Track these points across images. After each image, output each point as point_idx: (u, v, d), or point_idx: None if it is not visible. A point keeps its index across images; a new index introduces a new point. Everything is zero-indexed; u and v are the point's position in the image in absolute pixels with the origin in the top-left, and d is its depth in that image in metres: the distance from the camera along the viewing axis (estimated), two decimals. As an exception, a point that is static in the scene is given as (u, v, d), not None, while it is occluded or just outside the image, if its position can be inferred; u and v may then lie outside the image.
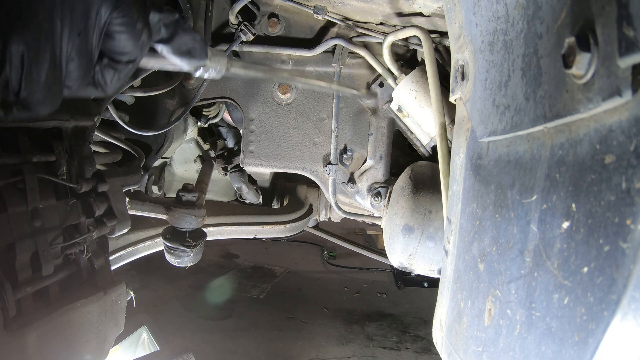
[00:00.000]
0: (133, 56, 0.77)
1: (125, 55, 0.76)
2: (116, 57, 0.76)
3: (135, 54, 0.78)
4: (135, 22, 0.74)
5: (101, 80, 0.77)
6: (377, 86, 1.77)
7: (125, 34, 0.74)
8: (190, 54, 0.87)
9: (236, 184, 2.44)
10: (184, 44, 0.86)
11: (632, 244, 0.43)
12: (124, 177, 1.45)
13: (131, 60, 0.78)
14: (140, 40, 0.76)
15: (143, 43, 0.77)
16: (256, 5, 1.72)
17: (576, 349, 0.50)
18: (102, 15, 0.69)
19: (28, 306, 1.11)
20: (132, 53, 0.77)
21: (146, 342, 3.08)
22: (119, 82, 0.80)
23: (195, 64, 0.90)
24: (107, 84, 0.78)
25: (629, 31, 0.41)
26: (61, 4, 0.63)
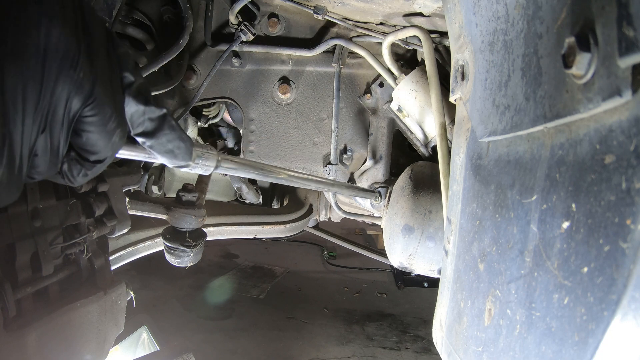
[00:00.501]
0: (102, 156, 0.71)
1: (94, 155, 0.70)
2: (84, 154, 0.70)
3: (105, 154, 0.71)
4: (107, 121, 0.67)
5: (68, 173, 0.72)
6: (377, 86, 1.77)
7: (95, 134, 0.67)
8: (173, 154, 0.81)
9: (236, 184, 2.44)
10: (169, 142, 0.79)
11: (632, 244, 0.43)
12: (124, 177, 1.45)
13: (99, 160, 0.71)
14: (111, 141, 0.70)
15: (115, 144, 0.71)
16: (256, 5, 1.72)
17: (576, 349, 0.50)
18: (71, 109, 0.63)
19: (28, 306, 1.11)
20: (101, 153, 0.70)
21: (146, 342, 3.08)
22: (85, 177, 0.73)
23: (177, 164, 0.85)
24: (74, 177, 0.72)
25: (629, 31, 0.41)
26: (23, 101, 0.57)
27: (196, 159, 0.89)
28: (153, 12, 1.70)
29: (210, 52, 1.82)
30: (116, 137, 0.70)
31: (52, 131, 0.63)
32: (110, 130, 0.68)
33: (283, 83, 1.82)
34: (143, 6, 1.67)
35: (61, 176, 0.72)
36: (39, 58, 0.57)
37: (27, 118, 0.58)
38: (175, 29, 1.69)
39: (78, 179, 0.73)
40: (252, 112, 1.88)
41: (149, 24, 1.70)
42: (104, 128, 0.67)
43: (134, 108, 0.73)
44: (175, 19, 1.72)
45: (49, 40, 0.57)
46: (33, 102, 0.58)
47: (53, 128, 0.63)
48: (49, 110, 0.61)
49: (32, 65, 0.57)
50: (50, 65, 0.58)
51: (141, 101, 0.73)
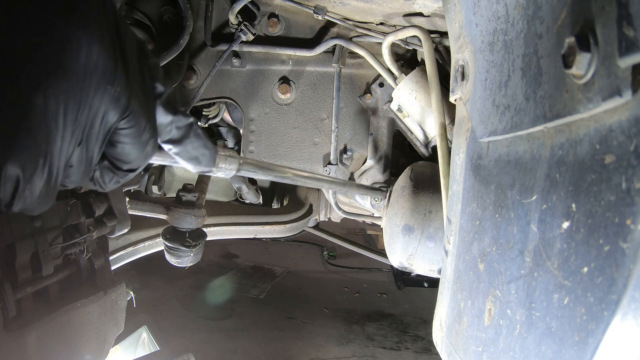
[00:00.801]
0: (135, 166, 0.74)
1: (127, 164, 0.73)
2: (117, 163, 0.72)
3: (138, 164, 0.74)
4: (142, 133, 0.69)
5: (100, 180, 0.73)
6: (377, 86, 1.77)
7: (130, 145, 0.69)
8: (198, 160, 0.85)
9: (236, 184, 2.44)
10: (194, 149, 0.82)
11: (632, 244, 0.43)
12: (124, 177, 1.45)
13: (133, 169, 0.74)
14: (144, 152, 0.72)
15: (147, 154, 0.73)
16: (256, 5, 1.72)
17: (576, 349, 0.50)
18: (107, 122, 0.65)
19: (28, 306, 1.11)
20: (134, 163, 0.73)
21: (146, 342, 3.08)
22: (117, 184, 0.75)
23: (201, 169, 0.88)
24: (105, 183, 0.74)
25: (629, 31, 0.41)
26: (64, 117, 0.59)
27: (219, 164, 0.91)
28: (153, 12, 1.70)
29: (210, 52, 1.82)
30: (149, 147, 0.72)
31: (88, 144, 0.65)
32: (145, 141, 0.70)
33: (283, 83, 1.82)
34: (143, 6, 1.67)
35: (93, 183, 0.74)
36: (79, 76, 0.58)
37: (66, 133, 0.60)
38: (175, 29, 1.69)
39: (109, 185, 0.74)
40: (252, 112, 1.88)
41: (149, 24, 1.70)
42: (139, 139, 0.69)
43: (163, 117, 0.75)
44: (175, 19, 1.72)
45: (89, 58, 0.58)
46: (72, 118, 0.60)
47: (89, 141, 0.64)
48: (86, 125, 0.62)
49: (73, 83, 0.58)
50: (90, 82, 0.59)
51: (170, 111, 0.75)
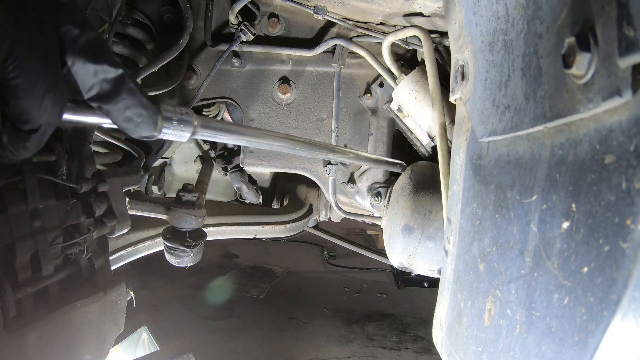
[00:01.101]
0: (35, 125, 0.62)
1: (27, 124, 0.61)
2: (17, 124, 0.62)
3: (38, 122, 0.62)
4: (35, 84, 0.59)
5: (9, 145, 0.63)
6: (377, 86, 1.77)
7: (24, 100, 0.59)
8: (134, 122, 0.70)
9: (236, 184, 2.44)
10: (127, 109, 0.68)
11: (632, 244, 0.43)
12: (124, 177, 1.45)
13: (34, 129, 0.62)
14: (42, 107, 0.60)
15: (47, 110, 0.61)
16: (256, 5, 1.72)
17: (576, 349, 0.50)
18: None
19: (28, 306, 1.11)
20: (34, 121, 0.61)
21: (146, 342, 3.08)
22: (27, 150, 0.65)
23: (139, 134, 0.72)
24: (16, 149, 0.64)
25: (629, 31, 0.41)
26: None
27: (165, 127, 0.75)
28: (153, 12, 1.70)
29: (210, 52, 1.82)
30: (47, 102, 0.61)
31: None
32: (40, 93, 0.60)
33: (283, 83, 1.82)
34: (143, 6, 1.67)
35: (2, 149, 0.65)
36: None
37: None
38: (175, 29, 1.69)
39: (20, 151, 0.65)
40: (252, 112, 1.88)
41: (149, 24, 1.70)
42: (32, 92, 0.59)
43: (82, 68, 0.63)
44: (175, 19, 1.72)
45: None
46: None
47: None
48: None
49: None
50: None
51: (90, 59, 0.63)
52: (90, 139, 1.35)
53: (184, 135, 0.79)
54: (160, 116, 0.73)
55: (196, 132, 0.81)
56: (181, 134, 0.78)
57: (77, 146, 1.28)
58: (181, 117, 0.76)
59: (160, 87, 1.68)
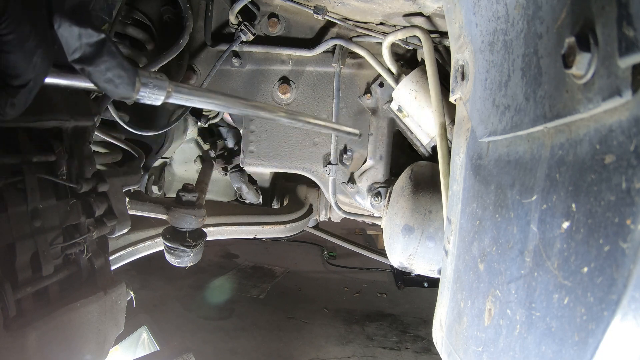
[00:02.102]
0: (24, 80, 0.65)
1: (16, 79, 0.64)
2: (5, 79, 0.65)
3: (27, 77, 0.65)
4: (26, 39, 0.62)
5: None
6: (377, 86, 1.77)
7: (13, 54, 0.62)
8: (114, 83, 0.73)
9: (236, 184, 2.44)
10: (108, 70, 0.71)
11: (632, 244, 0.43)
12: (124, 177, 1.45)
13: (22, 84, 0.65)
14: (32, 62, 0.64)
15: (36, 65, 0.65)
16: (256, 5, 1.72)
17: (576, 349, 0.50)
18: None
19: (28, 306, 1.11)
20: (23, 76, 0.65)
21: (146, 342, 3.08)
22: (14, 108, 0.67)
23: (118, 95, 0.76)
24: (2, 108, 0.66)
25: (629, 31, 0.41)
26: None
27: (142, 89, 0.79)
28: (153, 12, 1.70)
29: (210, 52, 1.82)
30: (37, 57, 0.64)
31: None
32: (30, 49, 0.63)
33: (283, 83, 1.82)
34: (143, 6, 1.67)
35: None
36: None
37: None
38: (175, 29, 1.69)
39: (7, 110, 0.67)
40: (252, 112, 1.88)
41: (149, 24, 1.70)
42: (22, 47, 0.62)
43: (68, 30, 0.66)
44: (175, 19, 1.72)
45: None
46: None
47: None
48: None
49: None
50: None
51: (75, 22, 0.66)
52: (90, 139, 1.35)
53: (158, 98, 0.82)
54: (138, 78, 0.76)
55: (170, 95, 0.85)
56: (156, 96, 0.82)
57: (77, 146, 1.28)
58: (156, 80, 0.80)
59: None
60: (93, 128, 1.35)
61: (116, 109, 1.67)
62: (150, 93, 0.80)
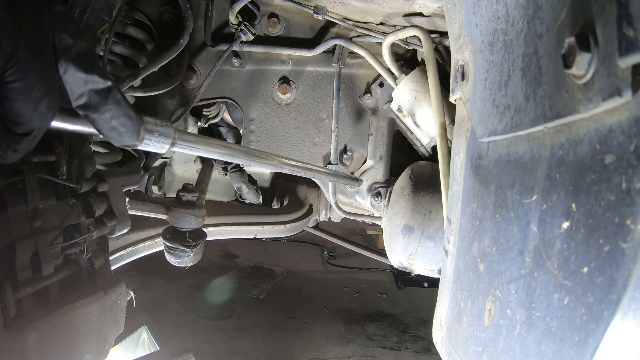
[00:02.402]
0: (29, 128, 0.64)
1: (21, 127, 0.63)
2: (10, 125, 0.63)
3: (31, 126, 0.64)
4: (32, 88, 0.61)
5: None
6: (377, 86, 1.77)
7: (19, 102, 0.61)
8: (118, 132, 0.72)
9: (236, 184, 2.44)
10: (113, 119, 0.70)
11: (632, 244, 0.43)
12: (124, 177, 1.45)
13: (27, 132, 0.64)
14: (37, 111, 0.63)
15: (42, 115, 0.64)
16: (256, 5, 1.72)
17: (576, 349, 0.50)
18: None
19: (28, 306, 1.11)
20: (28, 124, 0.63)
21: (146, 342, 3.08)
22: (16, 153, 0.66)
23: (122, 143, 0.74)
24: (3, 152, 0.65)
25: (629, 31, 0.41)
26: None
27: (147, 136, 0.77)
28: (153, 12, 1.70)
29: (210, 52, 1.82)
30: (43, 106, 0.63)
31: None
32: (36, 98, 0.62)
33: (283, 83, 1.82)
34: (143, 6, 1.67)
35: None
36: None
37: None
38: (175, 29, 1.69)
39: (9, 154, 0.66)
40: (252, 112, 1.88)
41: (149, 24, 1.70)
42: (29, 96, 0.61)
43: (73, 76, 0.65)
44: (175, 19, 1.72)
45: None
46: None
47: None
48: None
49: None
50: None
51: (82, 68, 0.66)
52: (90, 139, 1.35)
53: (163, 146, 0.82)
54: (143, 127, 0.75)
55: (175, 143, 0.84)
56: (161, 145, 0.81)
57: (77, 146, 1.28)
58: (162, 128, 0.79)
59: (160, 87, 1.68)
60: (93, 128, 1.35)
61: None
62: (155, 141, 0.79)
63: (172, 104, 1.90)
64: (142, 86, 1.67)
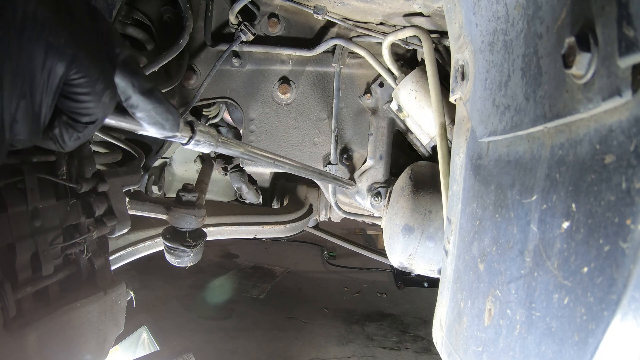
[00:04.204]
0: (93, 118, 0.73)
1: (85, 117, 0.73)
2: (75, 117, 0.72)
3: (96, 116, 0.74)
4: (95, 82, 0.70)
5: (59, 138, 0.74)
6: (377, 86, 1.77)
7: (85, 96, 0.70)
8: (162, 125, 0.85)
9: (236, 184, 2.44)
10: (157, 114, 0.83)
11: (632, 244, 0.43)
12: (124, 177, 1.45)
13: (91, 122, 0.74)
14: (101, 102, 0.72)
15: (104, 105, 0.73)
16: (256, 5, 1.72)
17: (576, 349, 0.50)
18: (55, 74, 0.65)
19: (28, 306, 1.11)
20: (92, 115, 0.73)
21: (146, 342, 3.08)
22: (78, 140, 0.76)
23: (165, 134, 0.88)
24: (65, 142, 0.74)
25: (629, 31, 0.41)
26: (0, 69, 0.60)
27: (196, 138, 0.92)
28: (153, 12, 1.70)
29: (210, 52, 1.82)
30: (106, 97, 0.73)
31: (33, 97, 0.65)
32: (99, 91, 0.71)
33: (283, 83, 1.82)
34: (143, 6, 1.67)
35: (52, 141, 0.75)
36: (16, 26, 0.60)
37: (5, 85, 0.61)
38: (175, 29, 1.69)
39: (69, 142, 0.75)
40: (252, 112, 1.88)
41: (149, 24, 1.70)
42: (93, 89, 0.70)
43: (122, 79, 0.76)
44: (175, 19, 1.72)
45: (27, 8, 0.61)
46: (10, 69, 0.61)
47: (34, 94, 0.65)
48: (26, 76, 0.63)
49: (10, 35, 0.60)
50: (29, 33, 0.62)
51: (129, 72, 0.76)
52: (90, 139, 1.35)
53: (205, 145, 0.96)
54: (182, 119, 0.90)
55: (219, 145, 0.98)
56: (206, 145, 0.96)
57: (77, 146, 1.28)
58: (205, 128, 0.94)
59: (160, 87, 1.68)
60: (93, 128, 1.35)
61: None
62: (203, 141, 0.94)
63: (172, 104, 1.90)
64: (142, 86, 1.67)
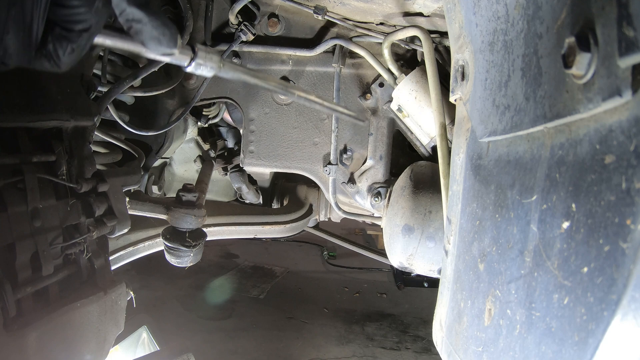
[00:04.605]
0: (87, 25, 0.71)
1: (79, 24, 0.71)
2: (68, 25, 0.70)
3: (90, 22, 0.72)
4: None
5: (53, 53, 0.71)
6: (377, 86, 1.77)
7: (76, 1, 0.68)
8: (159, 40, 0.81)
9: (236, 184, 2.44)
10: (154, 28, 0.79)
11: (632, 244, 0.43)
12: (124, 177, 1.45)
13: (85, 28, 0.72)
14: (94, 6, 0.70)
15: (98, 10, 0.71)
16: (256, 5, 1.72)
17: (576, 349, 0.50)
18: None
19: (28, 306, 1.11)
20: (86, 21, 0.71)
21: (146, 342, 3.08)
22: (72, 55, 0.73)
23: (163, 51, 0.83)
24: (59, 57, 0.72)
25: (629, 31, 0.41)
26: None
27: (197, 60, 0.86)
28: (153, 12, 1.70)
29: (210, 52, 1.81)
30: (99, 2, 0.71)
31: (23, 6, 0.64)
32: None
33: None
34: (143, 6, 1.67)
35: (47, 59, 0.72)
36: None
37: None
38: (175, 29, 1.68)
39: (64, 58, 0.73)
40: (252, 112, 1.88)
41: (149, 24, 1.69)
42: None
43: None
44: (175, 19, 1.72)
45: None
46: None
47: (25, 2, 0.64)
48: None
49: None
50: None
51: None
52: (90, 139, 1.35)
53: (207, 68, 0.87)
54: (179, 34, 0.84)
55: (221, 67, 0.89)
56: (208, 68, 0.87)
57: (77, 146, 1.28)
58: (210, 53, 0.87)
59: (160, 87, 1.68)
60: (93, 128, 1.35)
61: (116, 109, 1.67)
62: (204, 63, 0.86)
63: (172, 104, 1.90)
64: (142, 86, 1.67)
